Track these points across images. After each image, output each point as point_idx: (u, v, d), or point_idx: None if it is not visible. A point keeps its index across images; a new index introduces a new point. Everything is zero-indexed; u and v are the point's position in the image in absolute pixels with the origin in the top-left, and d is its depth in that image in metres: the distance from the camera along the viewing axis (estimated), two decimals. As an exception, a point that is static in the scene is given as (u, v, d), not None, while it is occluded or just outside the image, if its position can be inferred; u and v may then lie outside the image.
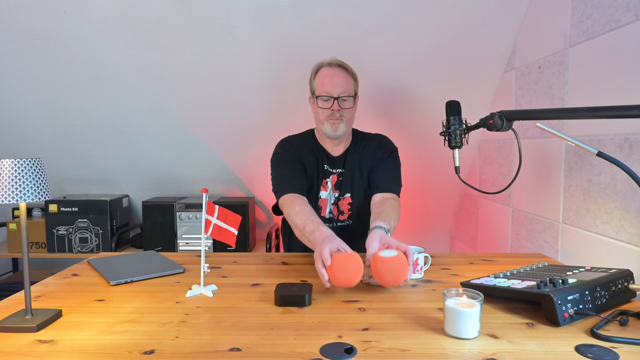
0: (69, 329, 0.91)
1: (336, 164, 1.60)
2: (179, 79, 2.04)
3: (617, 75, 1.24)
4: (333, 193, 1.58)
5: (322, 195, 1.57)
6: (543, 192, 1.61)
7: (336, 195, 1.58)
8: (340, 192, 1.58)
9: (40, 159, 0.93)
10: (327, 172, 1.58)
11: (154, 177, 2.58)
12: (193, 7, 1.76)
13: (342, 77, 1.51)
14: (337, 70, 1.51)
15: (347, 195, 1.58)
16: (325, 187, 1.57)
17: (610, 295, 0.99)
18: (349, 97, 1.51)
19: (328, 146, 1.61)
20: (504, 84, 1.94)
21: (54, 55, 1.94)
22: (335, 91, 1.49)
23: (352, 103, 1.53)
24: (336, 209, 1.58)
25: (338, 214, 1.58)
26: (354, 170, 1.59)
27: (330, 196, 1.58)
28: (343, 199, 1.58)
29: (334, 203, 1.58)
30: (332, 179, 1.58)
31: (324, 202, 1.57)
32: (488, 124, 1.16)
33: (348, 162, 1.59)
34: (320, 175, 1.58)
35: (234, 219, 1.17)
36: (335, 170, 1.59)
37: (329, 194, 1.57)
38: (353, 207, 1.57)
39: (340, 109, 1.49)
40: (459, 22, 1.78)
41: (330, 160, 1.60)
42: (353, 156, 1.60)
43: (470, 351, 0.81)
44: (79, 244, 2.42)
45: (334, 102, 1.48)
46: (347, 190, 1.58)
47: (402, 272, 1.07)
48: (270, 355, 0.80)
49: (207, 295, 1.11)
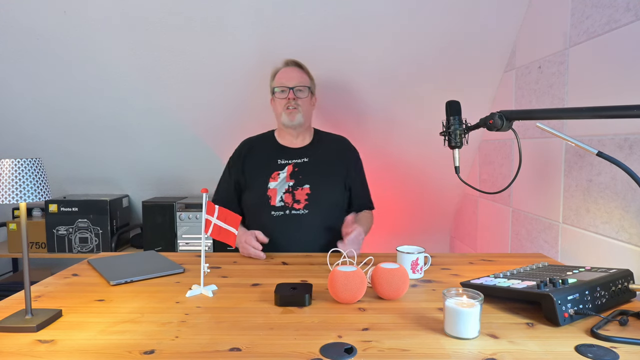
0: (69, 329, 0.91)
1: (293, 155, 1.69)
2: (179, 79, 2.04)
3: (617, 75, 1.24)
4: (286, 182, 1.63)
5: (271, 185, 1.64)
6: (543, 192, 1.61)
7: (290, 184, 1.63)
8: (297, 182, 1.63)
9: (40, 159, 0.93)
10: (280, 164, 1.67)
11: (154, 177, 2.58)
12: (193, 7, 1.76)
13: (297, 72, 1.68)
14: (293, 68, 1.69)
15: (305, 186, 1.63)
16: (276, 178, 1.64)
17: (610, 295, 0.99)
18: (304, 87, 1.65)
19: (285, 141, 1.73)
20: (504, 84, 1.94)
21: (54, 55, 1.94)
22: (290, 82, 1.64)
23: (307, 94, 1.66)
24: (290, 197, 1.62)
25: (293, 202, 1.61)
26: (317, 164, 1.67)
27: (280, 185, 1.63)
28: (301, 189, 1.62)
29: (287, 192, 1.62)
30: (287, 169, 1.66)
31: (273, 191, 1.63)
32: (488, 124, 1.16)
33: (310, 155, 1.69)
34: (268, 168, 1.67)
35: (234, 219, 1.17)
36: (291, 161, 1.67)
37: (278, 183, 1.64)
38: (310, 198, 1.61)
39: (296, 97, 1.64)
40: (459, 22, 1.78)
41: (286, 152, 1.70)
42: (316, 151, 1.70)
43: (470, 351, 0.81)
44: (79, 244, 2.42)
45: (290, 92, 1.63)
46: (306, 182, 1.63)
47: (403, 285, 1.07)
48: (270, 355, 0.80)
49: (207, 295, 1.11)
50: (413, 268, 1.24)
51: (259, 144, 1.75)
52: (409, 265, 1.24)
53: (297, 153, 1.69)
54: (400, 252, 1.26)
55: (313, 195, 1.61)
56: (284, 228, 1.58)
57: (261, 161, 1.69)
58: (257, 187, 1.65)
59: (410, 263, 1.24)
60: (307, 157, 1.68)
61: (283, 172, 1.65)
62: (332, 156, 1.71)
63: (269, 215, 1.60)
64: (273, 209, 1.60)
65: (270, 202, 1.61)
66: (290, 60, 1.70)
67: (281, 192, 1.62)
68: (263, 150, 1.72)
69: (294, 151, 1.70)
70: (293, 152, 1.70)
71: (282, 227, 1.58)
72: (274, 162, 1.68)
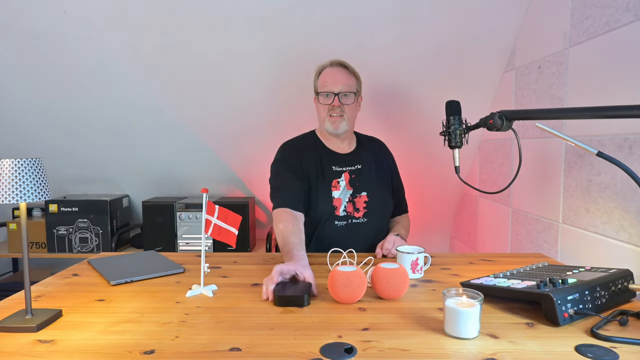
0: (69, 329, 0.91)
1: (346, 162, 1.61)
2: (179, 79, 2.04)
3: (617, 75, 1.24)
4: (347, 190, 1.58)
5: (335, 195, 1.57)
6: (543, 192, 1.61)
7: (351, 192, 1.58)
8: (356, 190, 1.59)
9: (41, 159, 0.93)
10: (337, 172, 1.59)
11: (154, 177, 2.58)
12: (193, 7, 1.76)
13: (343, 74, 1.56)
14: (339, 69, 1.57)
15: (363, 194, 1.59)
16: (337, 186, 1.57)
17: (610, 295, 0.99)
18: (350, 92, 1.55)
19: (332, 145, 1.63)
20: (504, 84, 1.94)
21: (54, 55, 1.94)
22: (336, 87, 1.54)
23: (352, 99, 1.57)
24: (352, 206, 1.57)
25: (354, 211, 1.57)
26: (370, 170, 1.63)
27: (344, 194, 1.57)
28: (359, 197, 1.58)
29: (349, 201, 1.57)
30: (344, 177, 1.59)
31: (338, 201, 1.57)
32: (488, 124, 1.16)
33: (361, 161, 1.63)
34: (328, 176, 1.58)
35: (234, 219, 1.17)
36: (346, 168, 1.60)
37: (342, 192, 1.57)
38: (369, 206, 1.58)
39: (341, 104, 1.54)
40: (459, 22, 1.78)
41: (339, 159, 1.61)
42: (366, 156, 1.65)
43: (470, 351, 0.81)
44: (79, 244, 2.42)
45: (335, 98, 1.53)
46: (363, 189, 1.59)
47: (403, 285, 1.07)
48: (270, 355, 0.80)
49: (207, 295, 1.11)
50: (413, 268, 1.24)
51: (307, 149, 1.61)
52: (409, 265, 1.24)
53: (350, 160, 1.62)
54: (400, 252, 1.26)
55: (371, 203, 1.58)
56: (345, 237, 1.54)
57: (318, 168, 1.58)
58: (323, 197, 1.56)
59: (410, 263, 1.24)
60: (360, 163, 1.62)
61: (342, 180, 1.58)
62: (378, 161, 1.67)
63: (332, 225, 1.55)
64: (337, 218, 1.55)
65: (335, 212, 1.55)
66: (336, 61, 1.58)
67: (345, 201, 1.57)
68: (315, 157, 1.60)
69: (346, 157, 1.62)
70: (345, 158, 1.62)
71: (343, 237, 1.54)
72: (328, 170, 1.59)
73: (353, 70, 1.59)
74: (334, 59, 1.59)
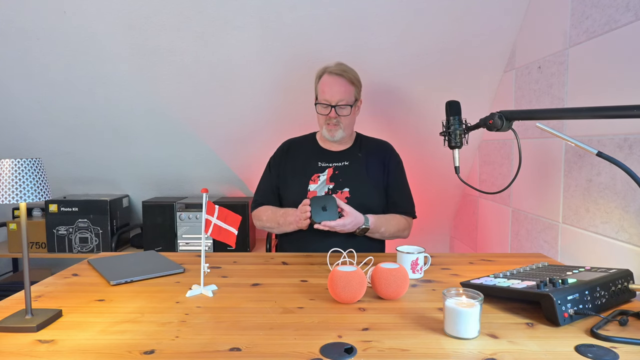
0: (69, 329, 0.91)
1: (333, 158, 1.67)
2: (179, 79, 2.04)
3: (617, 75, 1.24)
4: (326, 185, 1.62)
5: (311, 188, 1.63)
6: (543, 192, 1.61)
7: (330, 187, 1.62)
8: (337, 185, 1.62)
9: (40, 159, 0.93)
10: (321, 167, 1.66)
11: (154, 177, 2.58)
12: (193, 7, 1.76)
13: (342, 85, 1.58)
14: (337, 79, 1.58)
15: (345, 190, 1.61)
16: (316, 180, 1.63)
17: (610, 295, 0.99)
18: (347, 105, 1.59)
19: (328, 145, 1.71)
20: (504, 84, 1.94)
21: (54, 55, 1.94)
22: (333, 99, 1.57)
23: (349, 111, 1.60)
24: None
25: None
26: (358, 167, 1.65)
27: (320, 188, 1.62)
28: (340, 192, 1.61)
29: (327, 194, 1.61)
30: (327, 172, 1.65)
31: (313, 194, 1.62)
32: (488, 124, 1.16)
33: (350, 158, 1.67)
34: (310, 170, 1.65)
35: (234, 219, 1.17)
36: (332, 164, 1.65)
37: (319, 186, 1.63)
38: (350, 202, 1.58)
39: (338, 116, 1.59)
40: (459, 22, 1.78)
41: (327, 155, 1.69)
42: (357, 155, 1.68)
43: (470, 351, 0.81)
44: (79, 244, 2.42)
45: (332, 110, 1.57)
46: (346, 185, 1.62)
47: (403, 285, 1.07)
48: (270, 355, 0.80)
49: (207, 295, 1.11)
50: (413, 268, 1.24)
51: (300, 145, 1.74)
52: (409, 265, 1.24)
53: (338, 156, 1.68)
54: (400, 252, 1.26)
55: (352, 199, 1.59)
56: (321, 231, 1.52)
57: (301, 162, 1.68)
58: (297, 189, 1.63)
59: (410, 263, 1.24)
60: (348, 160, 1.66)
61: (323, 175, 1.63)
62: (373, 160, 1.68)
63: None
64: None
65: None
66: (335, 69, 1.59)
67: (320, 194, 1.59)
68: (304, 152, 1.71)
69: (334, 154, 1.68)
70: (334, 155, 1.68)
71: (319, 230, 1.52)
72: (314, 164, 1.66)
73: (352, 76, 1.60)
74: (333, 65, 1.60)
